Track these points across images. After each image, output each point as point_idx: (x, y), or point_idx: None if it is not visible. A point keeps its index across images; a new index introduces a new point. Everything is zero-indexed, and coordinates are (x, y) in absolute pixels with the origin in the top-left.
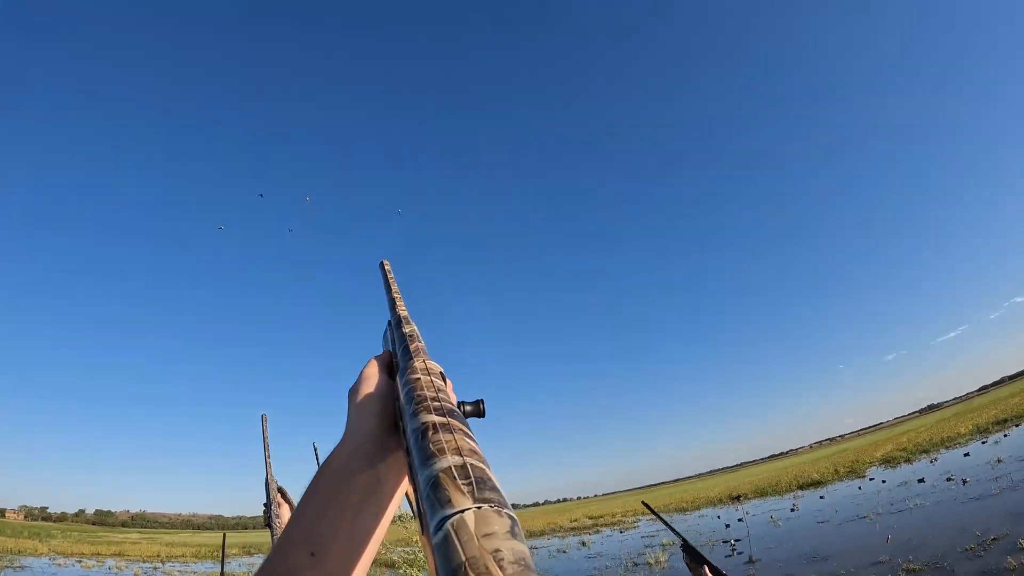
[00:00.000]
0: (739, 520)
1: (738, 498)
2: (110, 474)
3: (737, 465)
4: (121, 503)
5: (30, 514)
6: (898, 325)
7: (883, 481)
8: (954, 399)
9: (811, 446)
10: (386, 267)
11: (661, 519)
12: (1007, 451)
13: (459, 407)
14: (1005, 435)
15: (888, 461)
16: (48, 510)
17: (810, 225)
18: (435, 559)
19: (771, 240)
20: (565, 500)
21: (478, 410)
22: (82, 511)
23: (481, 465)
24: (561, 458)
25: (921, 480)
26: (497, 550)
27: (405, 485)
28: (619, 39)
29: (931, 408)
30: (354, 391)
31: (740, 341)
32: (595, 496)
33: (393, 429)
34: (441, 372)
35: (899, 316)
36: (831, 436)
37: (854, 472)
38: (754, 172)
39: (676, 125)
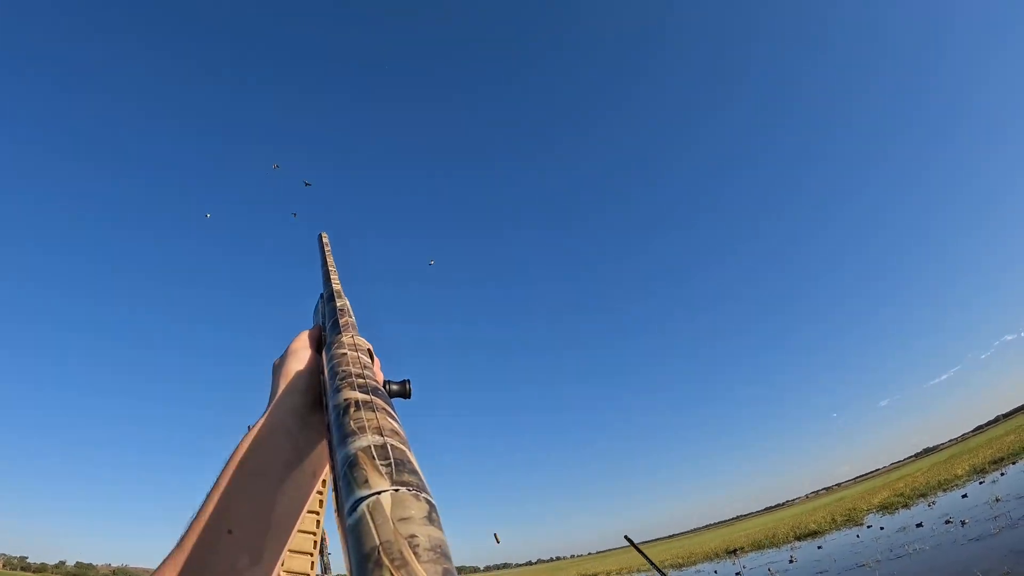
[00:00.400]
0: (737, 574)
1: (735, 552)
2: (93, 526)
3: (733, 518)
4: (103, 556)
5: (9, 563)
6: (890, 371)
7: (881, 528)
8: (950, 441)
9: (807, 496)
10: (324, 239)
11: (644, 556)
12: (1005, 490)
13: (385, 386)
14: (1002, 474)
15: (886, 507)
16: (28, 559)
17: (797, 278)
18: (347, 541)
19: (760, 295)
20: (558, 558)
21: (404, 390)
22: (62, 563)
23: (402, 446)
24: (553, 514)
25: (919, 524)
26: (413, 535)
27: (326, 464)
28: (594, 99)
29: (927, 451)
30: (279, 365)
31: (733, 393)
32: (589, 554)
33: (318, 406)
34: (369, 349)
35: (890, 361)
36: (827, 485)
37: (852, 520)
38: (742, 229)
39: (659, 184)
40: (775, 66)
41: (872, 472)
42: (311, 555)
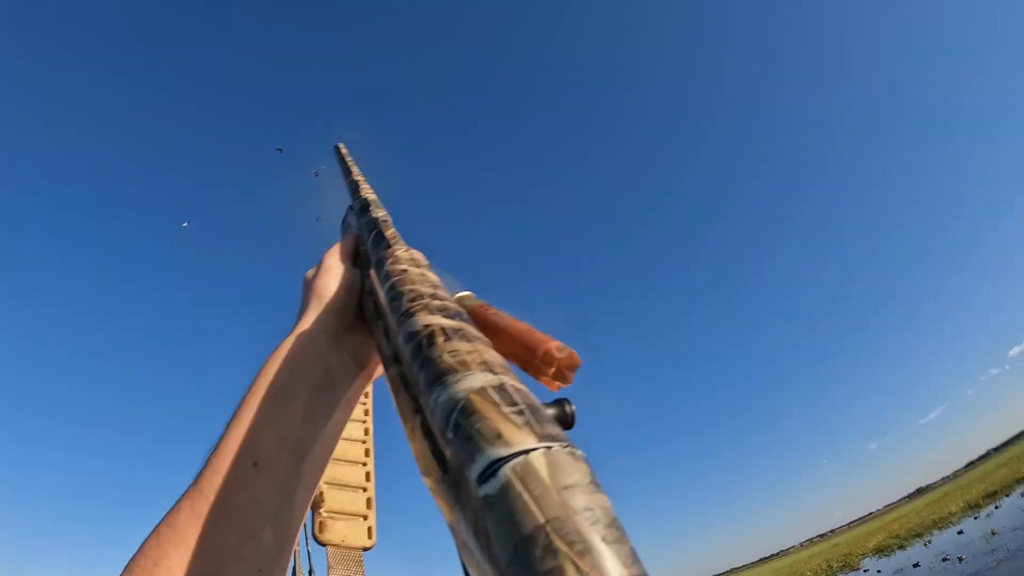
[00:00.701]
0: None
1: None
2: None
3: (727, 571)
4: None
5: None
6: (877, 413)
7: (878, 571)
8: (942, 479)
9: (802, 544)
10: (342, 150)
11: None
12: (1000, 522)
13: None
14: (997, 507)
15: (882, 550)
16: None
17: (780, 327)
18: (486, 516)
19: (743, 348)
20: None
21: None
22: None
23: (523, 388)
24: None
25: (916, 565)
26: (588, 508)
27: (359, 395)
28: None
29: (920, 491)
30: (312, 279)
31: (720, 445)
32: None
33: (355, 327)
34: (428, 264)
35: (877, 404)
36: (822, 532)
37: (848, 566)
38: (734, 280)
39: (659, 221)
40: (770, 67)
41: (866, 516)
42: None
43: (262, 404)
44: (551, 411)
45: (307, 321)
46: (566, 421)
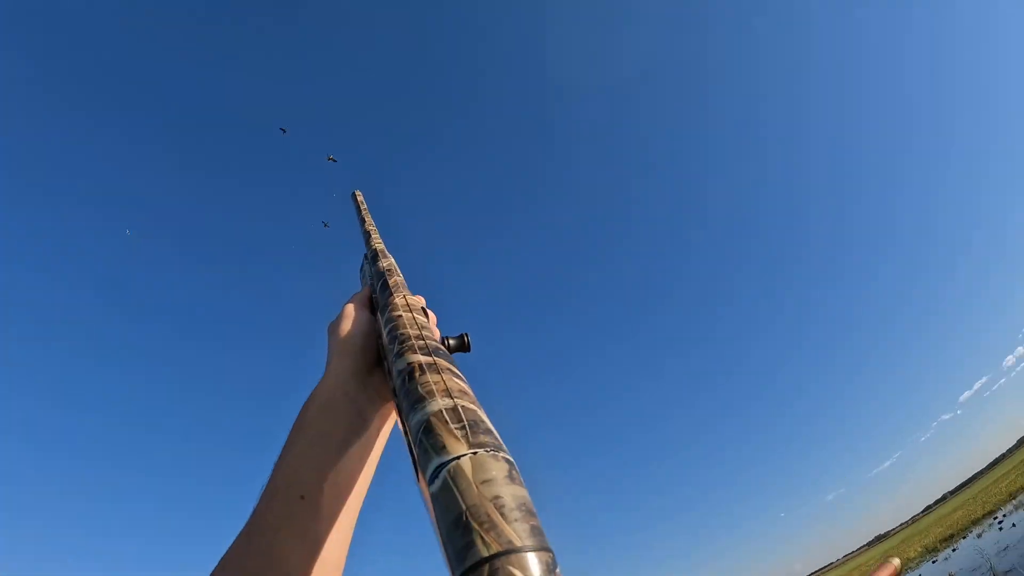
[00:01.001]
0: None
1: None
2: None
3: None
4: None
5: None
6: (833, 464)
7: None
8: (900, 525)
9: None
10: (358, 198)
11: None
12: (957, 565)
13: (443, 342)
14: (954, 550)
15: None
16: None
17: (733, 385)
18: (434, 508)
19: (697, 408)
20: None
21: (463, 344)
22: None
23: (472, 407)
24: None
25: None
26: (497, 496)
27: (390, 424)
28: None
29: (879, 538)
30: (334, 328)
31: (678, 500)
32: None
33: (376, 367)
34: (423, 307)
35: (833, 455)
36: None
37: None
38: (690, 341)
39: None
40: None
41: (826, 566)
42: None
43: (302, 445)
44: (453, 342)
45: (333, 365)
46: (463, 346)
